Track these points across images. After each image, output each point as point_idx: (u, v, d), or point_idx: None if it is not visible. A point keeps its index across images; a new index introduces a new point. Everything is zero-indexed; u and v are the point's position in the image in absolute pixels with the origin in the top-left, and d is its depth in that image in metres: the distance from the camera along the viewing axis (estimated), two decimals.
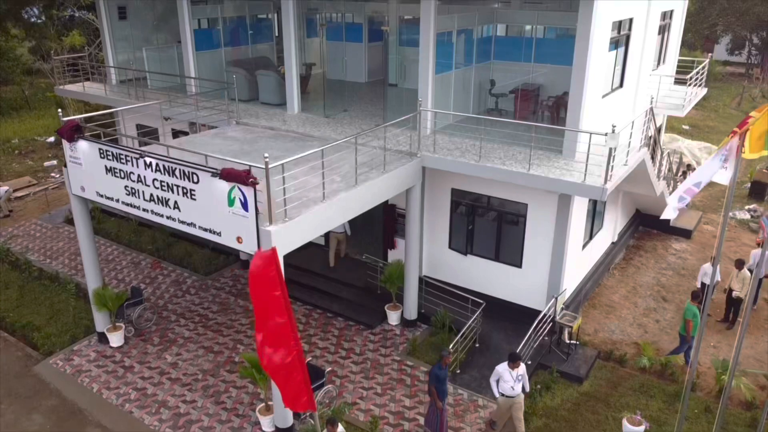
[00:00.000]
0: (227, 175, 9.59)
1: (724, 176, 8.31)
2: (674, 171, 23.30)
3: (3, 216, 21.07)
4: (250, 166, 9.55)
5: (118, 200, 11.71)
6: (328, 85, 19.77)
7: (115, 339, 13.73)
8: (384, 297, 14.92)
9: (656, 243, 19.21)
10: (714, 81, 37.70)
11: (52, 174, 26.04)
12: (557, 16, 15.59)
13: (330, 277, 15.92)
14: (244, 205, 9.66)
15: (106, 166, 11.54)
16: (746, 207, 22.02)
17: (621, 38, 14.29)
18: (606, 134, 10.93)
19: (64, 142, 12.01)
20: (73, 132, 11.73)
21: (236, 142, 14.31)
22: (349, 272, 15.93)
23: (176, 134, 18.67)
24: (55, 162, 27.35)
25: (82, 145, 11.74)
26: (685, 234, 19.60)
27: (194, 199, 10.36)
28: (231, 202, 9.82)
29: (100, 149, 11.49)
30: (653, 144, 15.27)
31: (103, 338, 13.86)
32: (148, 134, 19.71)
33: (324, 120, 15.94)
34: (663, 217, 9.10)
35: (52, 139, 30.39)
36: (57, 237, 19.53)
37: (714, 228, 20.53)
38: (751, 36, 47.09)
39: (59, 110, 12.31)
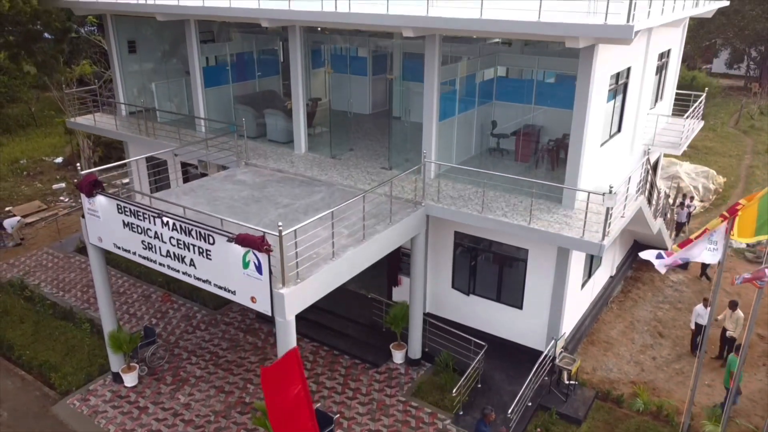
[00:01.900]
0: (242, 240, 10.05)
1: (713, 257, 8.77)
2: (672, 199, 23.76)
3: (14, 245, 21.53)
4: (264, 232, 10.02)
5: (135, 253, 12.18)
6: (333, 115, 20.20)
7: (130, 379, 14.21)
8: (389, 335, 15.39)
9: (653, 274, 19.66)
10: (712, 98, 38.07)
11: (61, 198, 26.51)
12: (558, 62, 16.03)
13: (336, 313, 16.40)
14: (258, 269, 10.13)
15: (123, 221, 12.01)
16: None
17: (619, 87, 14.76)
18: (603, 194, 11.40)
19: (83, 196, 12.48)
20: (92, 187, 12.20)
21: (246, 187, 14.78)
22: (354, 309, 16.39)
23: (185, 166, 19.16)
24: (63, 185, 27.83)
25: (101, 199, 12.22)
26: (682, 265, 20.05)
27: (210, 259, 10.84)
28: (245, 265, 10.29)
29: (118, 205, 11.97)
30: (649, 188, 15.73)
31: (117, 378, 14.35)
32: (157, 166, 20.28)
33: (330, 161, 16.41)
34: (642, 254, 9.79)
35: (59, 159, 30.87)
36: (69, 267, 20.01)
37: None
38: (749, 50, 47.52)
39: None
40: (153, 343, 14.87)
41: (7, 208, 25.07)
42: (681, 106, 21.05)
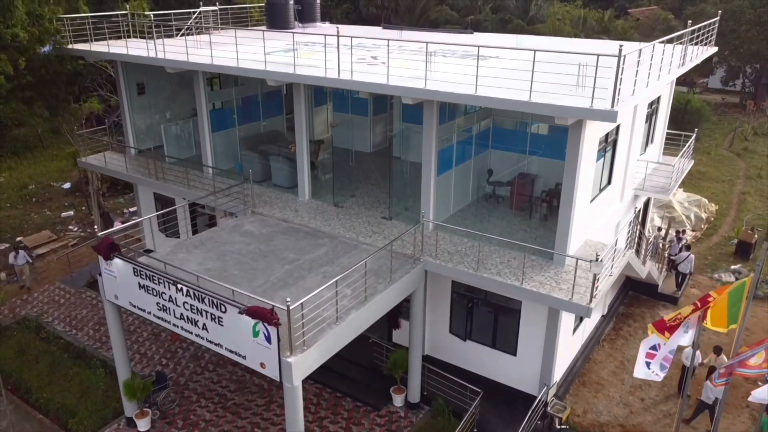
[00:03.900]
0: (253, 313, 10.79)
1: (686, 338, 9.54)
2: (664, 232, 24.47)
3: (21, 287, 21.56)
4: (273, 306, 10.75)
5: (150, 312, 12.92)
6: (335, 154, 20.92)
7: (143, 424, 14.96)
8: (389, 378, 16.11)
9: (644, 310, 20.42)
10: (706, 121, 38.77)
11: (70, 227, 27.25)
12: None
13: (339, 354, 17.06)
14: (268, 339, 10.87)
15: (139, 283, 12.75)
16: (731, 268, 23.20)
17: (609, 144, 15.49)
18: (590, 262, 12.12)
19: (100, 258, 13.21)
20: (109, 250, 12.94)
21: (253, 239, 15.51)
22: (356, 351, 17.00)
23: (192, 206, 19.88)
24: (72, 213, 28.57)
25: (118, 262, 12.95)
26: (672, 300, 20.81)
27: (221, 325, 11.58)
28: (255, 334, 11.02)
29: (134, 268, 12.70)
30: (638, 237, 16.46)
31: (131, 422, 15.09)
32: (165, 203, 21.04)
33: (333, 210, 17.13)
34: (635, 374, 10.52)
35: (67, 185, 31.62)
36: (80, 304, 20.75)
37: (700, 291, 21.69)
38: (744, 68, 48.24)
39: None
40: (165, 387, 15.61)
41: (18, 238, 25.83)
42: (673, 140, 21.71)
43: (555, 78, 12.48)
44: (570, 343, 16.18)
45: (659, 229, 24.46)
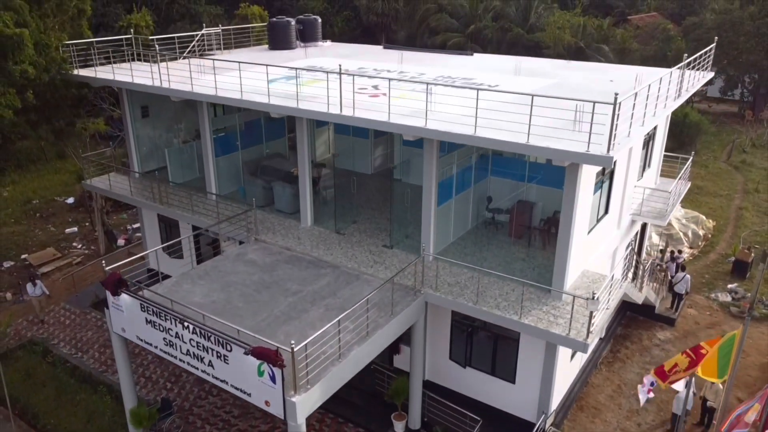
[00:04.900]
0: (258, 354, 11.08)
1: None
2: (662, 253, 24.78)
3: (39, 321, 21.27)
4: (278, 347, 11.04)
5: (156, 347, 13.22)
6: (337, 176, 21.20)
7: None
8: (391, 403, 16.40)
9: (641, 332, 20.71)
10: (704, 134, 39.01)
11: (74, 243, 27.53)
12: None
13: None
14: (272, 379, 11.16)
15: (146, 318, 13.04)
16: (728, 287, 23.48)
17: (605, 176, 15.76)
18: (587, 300, 12.41)
19: (107, 292, 13.50)
20: (117, 286, 13.23)
21: (257, 269, 15.79)
22: (358, 377, 17.31)
23: (195, 229, 20.15)
24: (75, 229, 28.86)
25: (125, 298, 13.24)
26: (669, 322, 21.10)
27: (227, 363, 11.87)
28: (260, 374, 11.31)
29: (141, 304, 12.99)
30: (635, 265, 16.74)
31: None
32: (169, 224, 21.34)
33: (335, 238, 17.41)
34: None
35: (71, 200, 31.91)
36: (86, 325, 21.05)
37: (697, 312, 22.01)
38: (743, 77, 48.47)
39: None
40: (170, 414, 15.91)
41: (23, 256, 26.13)
42: (671, 158, 21.98)
43: (554, 114, 12.78)
44: (568, 368, 16.47)
45: (662, 251, 24.70)
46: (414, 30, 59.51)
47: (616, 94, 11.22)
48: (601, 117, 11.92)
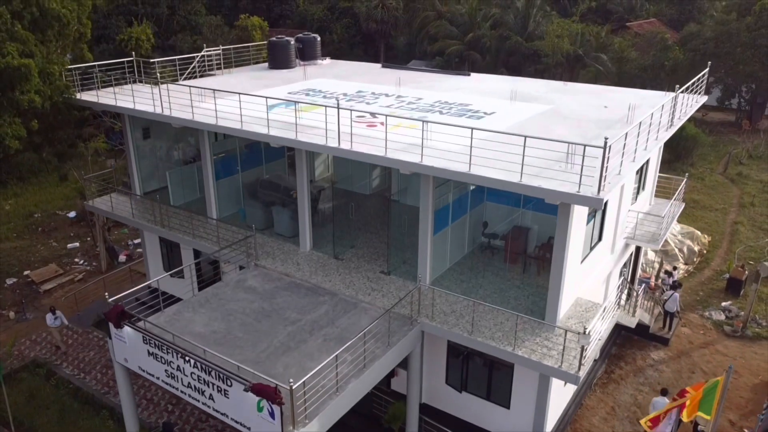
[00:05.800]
0: (258, 391, 11.38)
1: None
2: (657, 270, 25.07)
3: (62, 352, 21.00)
4: (277, 384, 11.34)
5: (158, 378, 13.52)
6: (336, 198, 21.51)
7: None
8: (388, 428, 16.72)
9: (635, 351, 21.01)
10: (700, 147, 39.33)
11: (76, 259, 27.84)
12: None
13: None
14: (271, 414, 11.46)
15: (148, 350, 13.34)
16: (722, 305, 23.77)
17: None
18: (579, 334, 12.71)
19: (110, 324, 13.80)
20: (120, 318, 13.53)
21: (257, 296, 16.09)
22: None
23: (197, 253, 20.46)
24: (77, 244, 29.17)
25: (128, 330, 13.54)
26: (663, 341, 21.40)
27: (227, 398, 12.17)
28: (260, 409, 11.61)
29: (143, 337, 13.29)
30: (627, 290, 17.04)
31: None
32: (170, 246, 21.65)
33: (334, 263, 17.70)
34: None
35: (72, 214, 32.20)
36: (88, 344, 21.36)
37: (691, 331, 22.31)
38: (740, 87, 48.77)
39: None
40: None
41: (25, 272, 26.44)
42: (665, 170, 22.27)
43: (548, 146, 13.04)
44: (562, 391, 16.77)
45: (667, 272, 24.78)
46: (413, 37, 59.89)
47: (606, 139, 11.51)
48: (594, 151, 12.21)
